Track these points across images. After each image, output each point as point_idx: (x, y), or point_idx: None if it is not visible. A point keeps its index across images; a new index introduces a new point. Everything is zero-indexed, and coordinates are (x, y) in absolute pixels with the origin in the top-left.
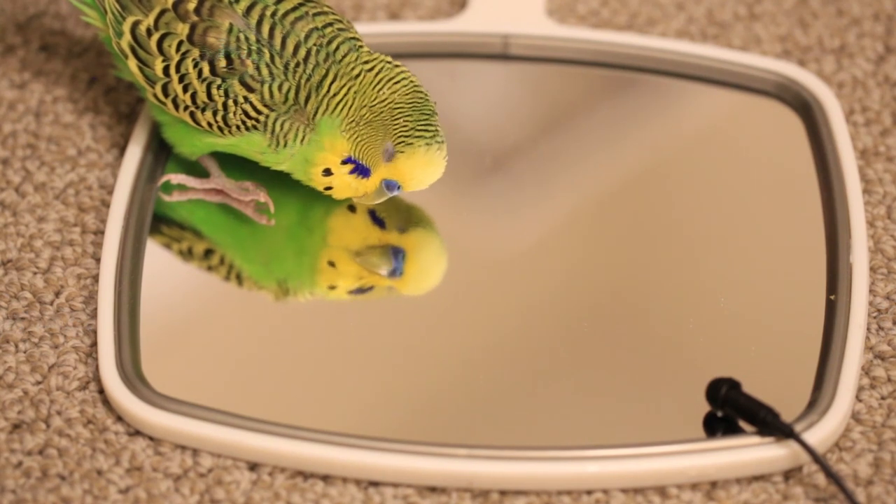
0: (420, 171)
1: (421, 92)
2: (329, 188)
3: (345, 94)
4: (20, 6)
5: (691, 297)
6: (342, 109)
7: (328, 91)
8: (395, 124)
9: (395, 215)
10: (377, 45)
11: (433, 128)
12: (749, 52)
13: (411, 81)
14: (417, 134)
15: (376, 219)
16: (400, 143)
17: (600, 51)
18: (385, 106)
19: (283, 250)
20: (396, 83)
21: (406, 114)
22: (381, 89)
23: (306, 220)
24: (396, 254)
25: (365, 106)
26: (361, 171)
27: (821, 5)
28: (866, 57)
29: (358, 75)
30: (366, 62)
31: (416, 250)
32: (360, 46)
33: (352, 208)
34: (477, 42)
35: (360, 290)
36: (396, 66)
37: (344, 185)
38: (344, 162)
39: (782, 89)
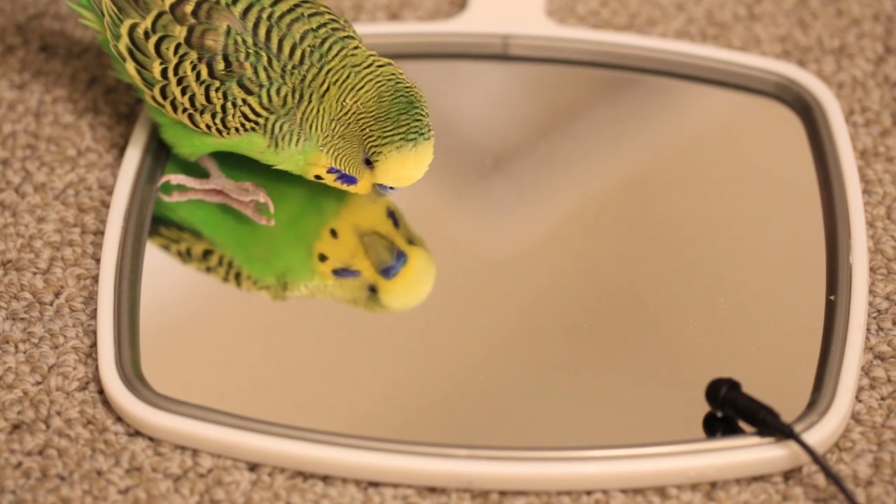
0: (400, 173)
1: (388, 91)
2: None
3: (315, 110)
4: (20, 6)
5: (691, 298)
6: (316, 128)
7: (320, 98)
8: (363, 134)
9: (410, 223)
10: (377, 46)
11: (404, 126)
12: (749, 52)
13: (377, 83)
14: (386, 140)
15: (392, 216)
16: (372, 153)
17: (600, 51)
18: (351, 118)
19: (285, 236)
20: (360, 90)
21: (370, 123)
22: (344, 100)
23: (314, 201)
24: (399, 255)
25: (333, 119)
26: (346, 179)
27: (820, 6)
28: (866, 57)
29: (327, 90)
30: (335, 70)
31: (415, 265)
32: (356, 46)
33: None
34: (477, 42)
35: (345, 272)
36: (366, 67)
37: (337, 185)
38: (329, 171)
39: (782, 90)
